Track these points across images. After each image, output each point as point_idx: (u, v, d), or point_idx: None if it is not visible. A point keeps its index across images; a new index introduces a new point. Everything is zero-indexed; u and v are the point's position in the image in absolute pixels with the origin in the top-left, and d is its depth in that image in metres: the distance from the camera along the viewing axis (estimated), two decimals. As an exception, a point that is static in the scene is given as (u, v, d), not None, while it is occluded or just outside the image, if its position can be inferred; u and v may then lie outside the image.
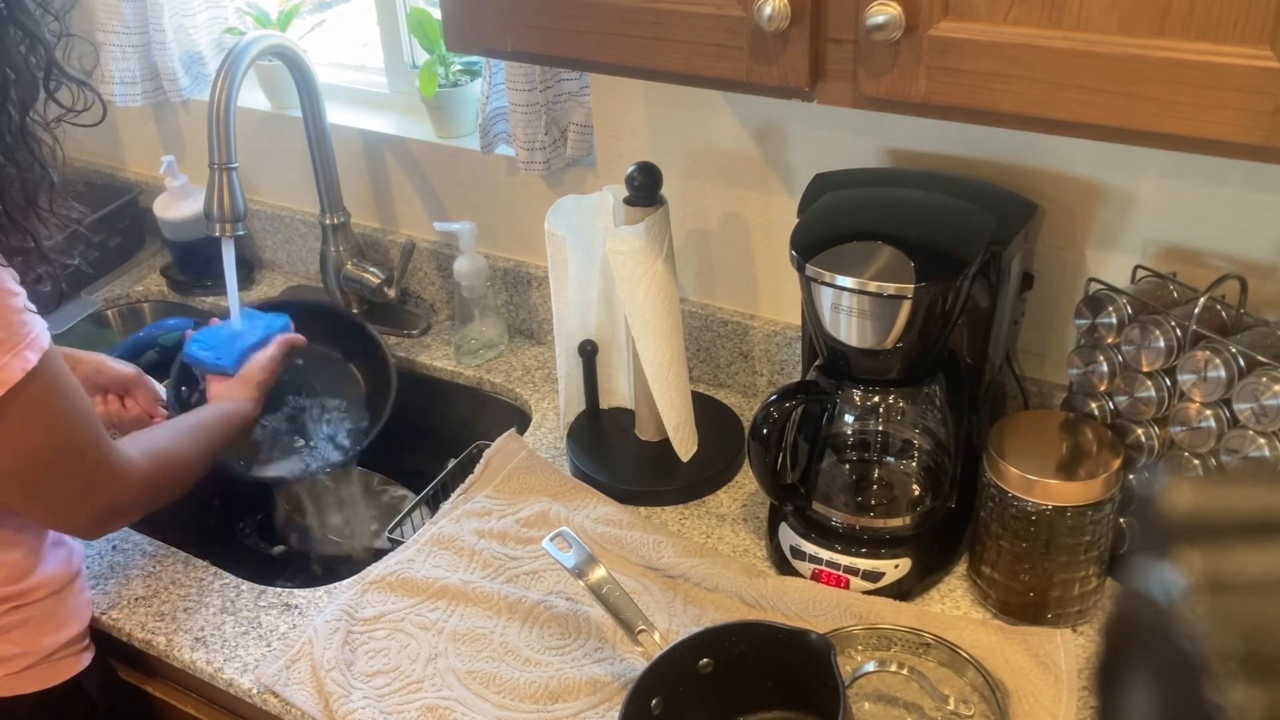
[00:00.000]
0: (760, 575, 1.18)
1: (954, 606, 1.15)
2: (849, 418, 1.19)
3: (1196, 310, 1.00)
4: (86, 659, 1.17)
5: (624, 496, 1.31)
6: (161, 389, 1.42)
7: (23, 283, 0.98)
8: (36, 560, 1.11)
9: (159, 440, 1.14)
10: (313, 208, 1.71)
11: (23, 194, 1.01)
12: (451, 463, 1.48)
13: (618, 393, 1.44)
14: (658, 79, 0.99)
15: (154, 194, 1.82)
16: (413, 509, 1.38)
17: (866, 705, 1.04)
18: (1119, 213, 1.15)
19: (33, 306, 0.97)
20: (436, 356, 1.62)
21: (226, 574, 1.25)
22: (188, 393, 1.47)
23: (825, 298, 1.06)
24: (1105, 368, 1.09)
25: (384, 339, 1.56)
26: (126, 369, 1.36)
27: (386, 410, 1.48)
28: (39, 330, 0.96)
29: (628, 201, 1.24)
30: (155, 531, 1.36)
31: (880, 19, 0.82)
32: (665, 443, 1.34)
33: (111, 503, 1.06)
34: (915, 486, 1.20)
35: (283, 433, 1.47)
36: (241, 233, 1.43)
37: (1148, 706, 0.34)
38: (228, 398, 1.31)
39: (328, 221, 1.65)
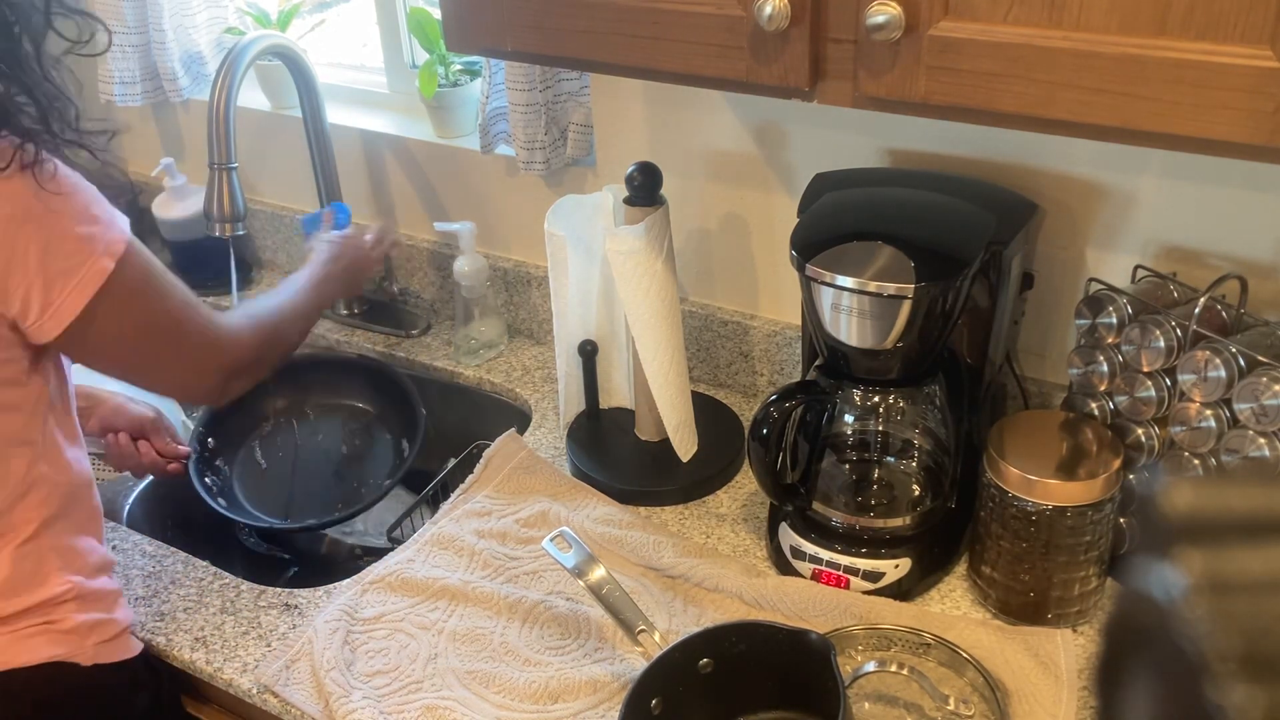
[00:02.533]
0: (760, 575, 1.18)
1: (954, 606, 1.15)
2: (849, 418, 1.19)
3: (1196, 310, 1.00)
4: (138, 646, 1.15)
5: (624, 496, 1.31)
6: (182, 430, 1.42)
7: None
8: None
9: (262, 308, 1.26)
10: (313, 208, 1.70)
11: (60, 120, 1.03)
12: (451, 463, 1.48)
13: (618, 393, 1.44)
14: (658, 79, 0.99)
15: (153, 194, 1.82)
16: (413, 509, 1.38)
17: (866, 705, 1.04)
18: (1119, 213, 1.15)
19: (111, 208, 1.05)
20: (436, 356, 1.62)
21: (226, 574, 1.25)
22: (214, 443, 1.47)
23: (825, 298, 1.06)
24: (1105, 368, 1.09)
25: (414, 388, 1.53)
26: (145, 412, 1.36)
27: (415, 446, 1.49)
28: (120, 229, 1.04)
29: (628, 201, 1.24)
30: (155, 531, 1.36)
31: (880, 19, 0.82)
32: (665, 443, 1.34)
33: (225, 366, 1.17)
34: (915, 486, 1.20)
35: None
36: (241, 232, 1.43)
37: (1148, 706, 0.34)
38: (320, 263, 1.38)
39: (328, 221, 1.65)
